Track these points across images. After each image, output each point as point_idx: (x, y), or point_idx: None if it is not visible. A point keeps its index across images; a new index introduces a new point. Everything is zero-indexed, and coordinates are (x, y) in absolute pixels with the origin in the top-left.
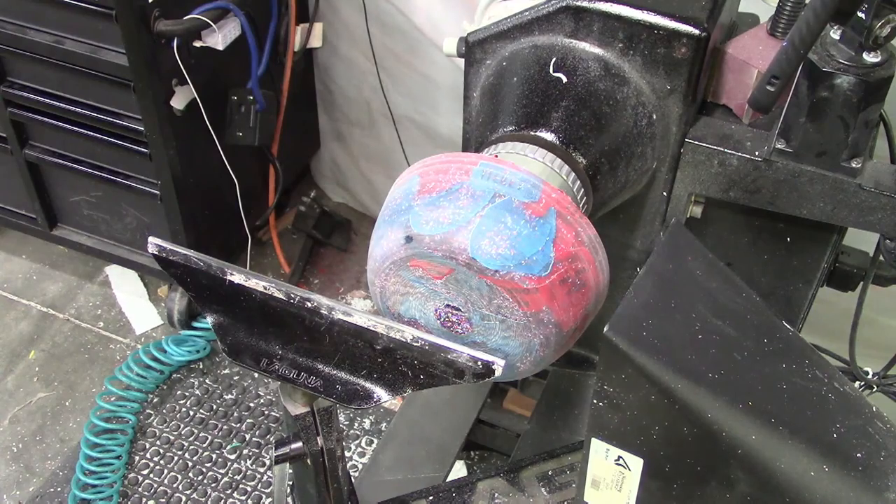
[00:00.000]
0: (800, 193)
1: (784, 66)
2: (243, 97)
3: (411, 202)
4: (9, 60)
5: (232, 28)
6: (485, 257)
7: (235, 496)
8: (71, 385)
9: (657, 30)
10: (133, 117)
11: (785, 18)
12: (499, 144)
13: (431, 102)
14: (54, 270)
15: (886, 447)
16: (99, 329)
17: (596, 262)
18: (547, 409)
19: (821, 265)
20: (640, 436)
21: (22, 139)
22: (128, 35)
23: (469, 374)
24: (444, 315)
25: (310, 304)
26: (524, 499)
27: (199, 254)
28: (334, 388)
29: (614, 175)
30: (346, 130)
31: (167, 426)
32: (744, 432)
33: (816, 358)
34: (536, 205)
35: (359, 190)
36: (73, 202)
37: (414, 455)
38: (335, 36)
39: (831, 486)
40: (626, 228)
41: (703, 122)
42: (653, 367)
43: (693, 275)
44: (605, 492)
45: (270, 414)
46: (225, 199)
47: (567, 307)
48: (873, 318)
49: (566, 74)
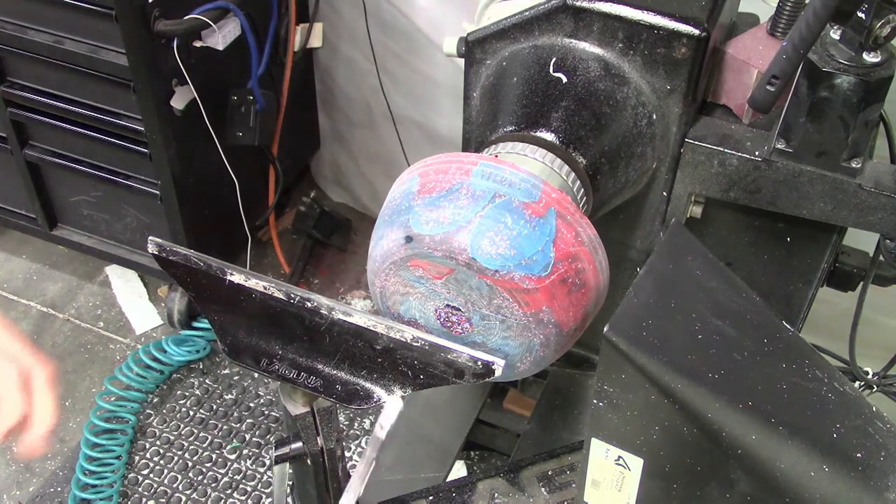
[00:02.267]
0: (800, 193)
1: (784, 66)
2: (243, 97)
3: (411, 202)
4: (9, 60)
5: (232, 28)
6: (485, 257)
7: (235, 496)
8: (71, 385)
9: (657, 30)
10: (133, 117)
11: (785, 18)
12: (499, 144)
13: (431, 102)
14: (54, 270)
15: (886, 447)
16: (99, 329)
17: (596, 262)
18: (547, 409)
19: (821, 265)
20: (640, 436)
21: (22, 139)
22: (128, 35)
23: (469, 374)
24: (444, 315)
25: (310, 304)
26: (524, 499)
27: (199, 254)
28: (334, 388)
29: (614, 175)
30: (346, 130)
31: (167, 426)
32: (744, 432)
33: (816, 358)
34: (536, 205)
35: (359, 190)
36: (73, 202)
37: (414, 455)
38: (335, 36)
39: (831, 486)
40: (626, 228)
41: (703, 122)
42: (653, 367)
43: (693, 275)
44: (605, 492)
45: (270, 414)
46: (225, 199)
47: (567, 307)
48: (873, 318)
49: (566, 74)
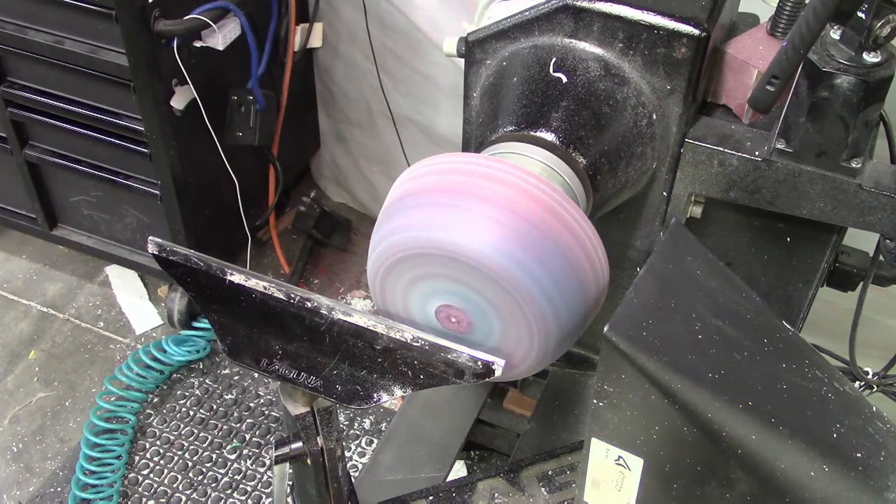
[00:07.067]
0: (800, 193)
1: (784, 66)
2: (243, 97)
3: (411, 202)
4: (9, 60)
5: (232, 28)
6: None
7: (235, 496)
8: (71, 385)
9: (657, 30)
10: (133, 117)
11: (785, 18)
12: (499, 144)
13: (431, 102)
14: (54, 270)
15: (886, 447)
16: (99, 329)
17: (596, 262)
18: (547, 409)
19: (821, 265)
20: (640, 436)
21: (22, 139)
22: (128, 35)
23: (469, 374)
24: (444, 315)
25: (310, 304)
26: (524, 499)
27: (199, 254)
28: (334, 388)
29: (614, 175)
30: (346, 130)
31: (167, 426)
32: (744, 432)
33: (816, 358)
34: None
35: (359, 190)
36: (73, 202)
37: (414, 455)
38: (335, 36)
39: (831, 486)
40: (626, 228)
41: (703, 122)
42: (653, 367)
43: (693, 275)
44: (605, 492)
45: (270, 414)
46: (225, 199)
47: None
48: (873, 318)
49: (566, 74)
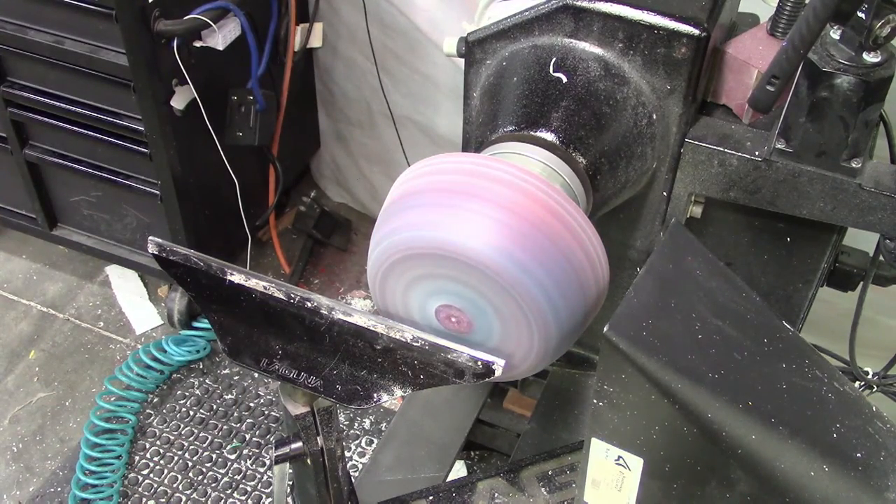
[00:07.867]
0: (800, 193)
1: (784, 66)
2: (243, 97)
3: (411, 202)
4: (9, 60)
5: (232, 28)
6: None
7: (235, 496)
8: (71, 385)
9: (657, 30)
10: (133, 117)
11: (785, 18)
12: (499, 144)
13: (431, 102)
14: (54, 270)
15: (886, 447)
16: (99, 329)
17: (596, 262)
18: (547, 409)
19: (821, 265)
20: (640, 436)
21: (22, 139)
22: (128, 35)
23: (469, 374)
24: (444, 315)
25: (310, 304)
26: (524, 499)
27: (199, 254)
28: (334, 388)
29: (614, 175)
30: (346, 130)
31: (167, 426)
32: (744, 432)
33: (816, 358)
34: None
35: (359, 190)
36: (73, 202)
37: (414, 455)
38: (335, 36)
39: (831, 486)
40: (626, 228)
41: (703, 122)
42: (653, 367)
43: (693, 275)
44: (605, 492)
45: (270, 414)
46: (225, 199)
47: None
48: (873, 318)
49: (566, 74)
